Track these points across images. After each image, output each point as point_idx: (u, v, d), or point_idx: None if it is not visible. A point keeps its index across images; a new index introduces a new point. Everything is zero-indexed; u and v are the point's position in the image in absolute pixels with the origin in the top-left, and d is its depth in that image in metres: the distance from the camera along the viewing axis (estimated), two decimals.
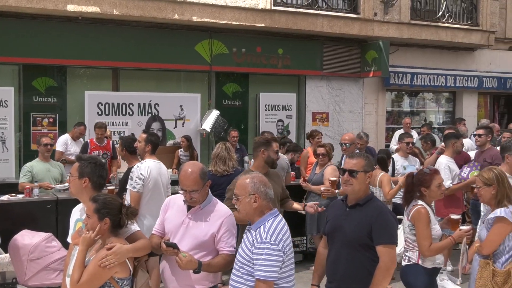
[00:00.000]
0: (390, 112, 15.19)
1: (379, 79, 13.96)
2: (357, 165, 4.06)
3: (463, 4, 14.52)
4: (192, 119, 11.92)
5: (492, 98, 16.75)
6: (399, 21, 13.40)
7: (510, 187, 4.72)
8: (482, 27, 14.56)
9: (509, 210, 4.55)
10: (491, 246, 4.57)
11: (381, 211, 4.02)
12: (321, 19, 12.35)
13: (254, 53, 12.39)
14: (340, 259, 4.06)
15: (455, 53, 15.09)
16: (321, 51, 13.17)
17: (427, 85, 14.52)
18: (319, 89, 13.35)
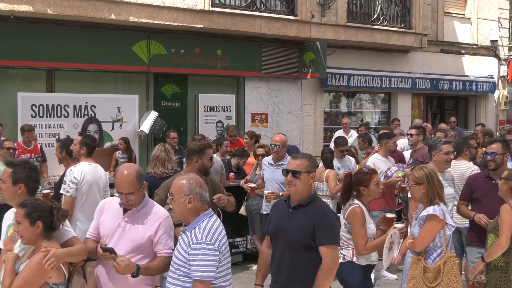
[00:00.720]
0: (328, 113, 15.42)
1: (317, 80, 14.16)
2: (301, 165, 4.08)
3: (397, 7, 14.89)
4: (130, 120, 11.74)
5: (425, 99, 17.29)
6: (336, 23, 13.63)
7: (441, 185, 4.86)
8: (415, 30, 14.98)
9: (440, 208, 4.70)
10: (423, 243, 4.71)
11: (324, 212, 4.05)
12: (259, 20, 12.41)
13: (192, 54, 12.33)
14: (283, 260, 4.08)
15: (390, 55, 15.47)
16: (259, 53, 13.23)
17: (363, 86, 14.82)
18: (258, 90, 13.42)
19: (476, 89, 17.11)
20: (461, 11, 17.46)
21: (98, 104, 11.34)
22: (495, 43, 17.84)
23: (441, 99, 18.22)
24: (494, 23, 17.74)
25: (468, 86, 16.87)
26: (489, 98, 17.91)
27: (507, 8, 18.19)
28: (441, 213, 4.66)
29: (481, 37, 17.57)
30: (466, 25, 17.37)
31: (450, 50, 16.89)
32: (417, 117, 15.94)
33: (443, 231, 4.68)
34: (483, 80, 17.30)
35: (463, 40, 17.26)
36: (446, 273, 4.60)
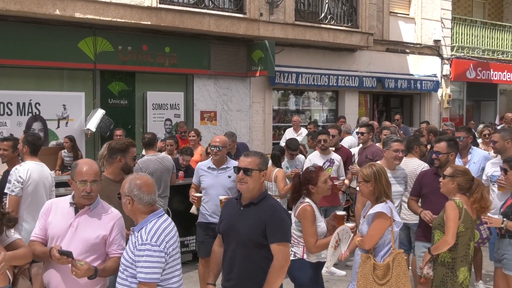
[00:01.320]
0: (277, 111, 15.51)
1: (266, 78, 14.21)
2: (252, 163, 4.09)
3: (344, 6, 15.08)
4: (76, 118, 11.52)
5: (372, 97, 17.59)
6: (284, 21, 13.71)
7: (388, 183, 4.94)
8: (361, 29, 15.21)
9: (388, 205, 4.78)
10: (371, 241, 4.79)
11: (275, 209, 4.07)
12: (208, 18, 12.36)
13: (140, 51, 12.17)
14: (235, 258, 4.08)
15: (337, 54, 15.68)
16: (208, 50, 13.18)
17: (311, 84, 14.95)
18: (207, 88, 13.37)
19: (420, 87, 17.52)
20: (406, 11, 17.86)
21: (42, 102, 11.07)
22: (438, 43, 18.33)
23: (387, 97, 18.59)
24: (437, 23, 18.22)
25: (412, 84, 17.26)
26: (432, 96, 18.38)
27: (449, 9, 18.70)
28: (388, 210, 4.74)
29: (425, 36, 18.01)
30: (411, 25, 17.78)
31: (395, 49, 17.24)
32: (363, 115, 16.20)
33: (390, 228, 4.76)
34: (427, 79, 17.73)
35: (407, 39, 17.65)
36: (395, 270, 4.68)
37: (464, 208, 5.02)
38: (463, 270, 5.12)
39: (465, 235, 5.09)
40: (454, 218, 4.99)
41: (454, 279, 5.09)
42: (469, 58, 19.17)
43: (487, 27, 20.26)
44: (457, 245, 5.07)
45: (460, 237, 5.06)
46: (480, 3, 22.69)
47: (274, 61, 13.43)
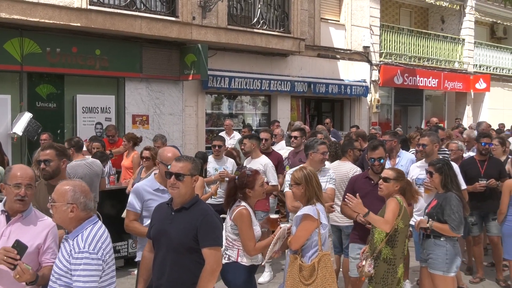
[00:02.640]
0: (210, 115, 15.50)
1: (198, 82, 14.18)
2: (184, 168, 4.09)
3: (276, 12, 15.25)
4: (2, 122, 11.11)
5: (304, 101, 17.85)
6: (217, 25, 13.72)
7: (319, 186, 5.05)
8: (293, 35, 15.41)
9: (315, 208, 4.88)
10: (298, 242, 4.88)
11: (206, 214, 4.08)
12: (139, 21, 12.21)
13: (69, 53, 11.88)
14: (166, 263, 4.06)
15: (270, 59, 15.83)
16: (140, 53, 13.02)
17: (244, 89, 15.03)
18: (139, 92, 13.21)
19: (350, 92, 17.93)
20: (336, 17, 18.25)
21: None
22: (367, 49, 18.81)
23: (318, 101, 18.92)
24: (366, 30, 18.71)
25: (343, 89, 17.63)
26: (362, 101, 18.83)
27: (378, 16, 19.25)
28: (315, 212, 4.84)
29: (355, 43, 18.46)
30: (341, 31, 18.18)
31: (326, 55, 17.58)
32: (296, 119, 16.41)
33: (318, 230, 4.86)
34: (356, 84, 18.17)
35: (338, 45, 18.03)
36: (321, 271, 4.78)
37: (404, 206, 5.23)
38: (401, 266, 5.35)
39: (404, 232, 5.30)
40: (393, 207, 5.19)
41: (394, 275, 5.29)
42: (396, 64, 19.79)
43: (414, 34, 20.97)
44: (397, 242, 5.26)
45: (400, 234, 5.26)
46: (407, 11, 23.48)
47: (207, 65, 13.41)
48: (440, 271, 5.58)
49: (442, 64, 21.83)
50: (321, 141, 6.70)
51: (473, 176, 7.81)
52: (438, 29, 23.33)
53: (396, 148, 8.03)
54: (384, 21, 20.61)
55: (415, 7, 23.61)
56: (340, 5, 18.34)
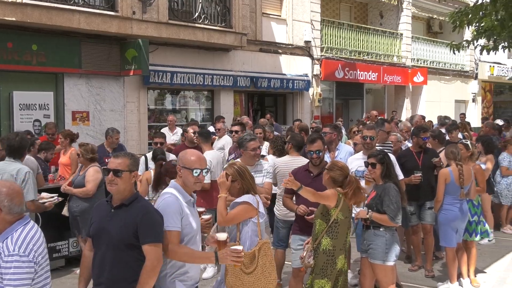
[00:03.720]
0: (153, 110, 15.35)
1: (140, 78, 14.02)
2: (122, 164, 4.06)
3: (217, 7, 15.21)
4: None
5: (247, 96, 17.91)
6: (158, 20, 13.58)
7: (252, 178, 5.11)
8: (235, 29, 15.42)
9: (255, 198, 4.94)
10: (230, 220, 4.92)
11: (146, 210, 4.05)
12: (77, 15, 11.95)
13: (4, 48, 11.53)
14: (106, 261, 4.01)
15: (212, 53, 15.79)
16: (79, 49, 12.76)
17: (187, 84, 14.95)
18: (78, 88, 12.94)
19: (292, 86, 18.09)
20: (278, 12, 18.37)
21: None
22: (308, 44, 19.01)
23: (261, 96, 19.02)
24: (307, 25, 18.91)
25: (285, 84, 17.78)
26: (304, 95, 19.04)
27: (318, 11, 19.48)
28: (255, 201, 4.90)
29: (296, 37, 18.62)
30: (282, 26, 18.31)
31: (268, 50, 17.68)
32: (239, 114, 16.48)
33: (256, 220, 4.91)
34: (298, 78, 18.35)
35: (280, 40, 18.16)
36: (261, 259, 4.82)
37: (342, 198, 5.33)
38: (341, 258, 5.44)
39: (344, 223, 5.40)
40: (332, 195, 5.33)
41: (334, 266, 5.39)
42: (337, 58, 20.09)
43: (354, 29, 21.34)
44: (337, 233, 5.35)
45: (340, 226, 5.36)
46: (347, 6, 23.86)
47: (148, 60, 13.27)
48: (380, 261, 5.73)
49: (381, 58, 22.31)
50: (251, 138, 6.73)
51: (410, 167, 8.03)
52: (377, 24, 23.82)
53: (336, 141, 8.19)
54: (325, 16, 20.88)
55: (355, 2, 24.04)
56: (281, 0, 18.46)
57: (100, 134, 13.08)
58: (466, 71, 26.96)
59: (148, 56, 13.27)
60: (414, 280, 7.93)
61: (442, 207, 7.30)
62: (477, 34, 11.13)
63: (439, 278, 7.90)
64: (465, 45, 11.56)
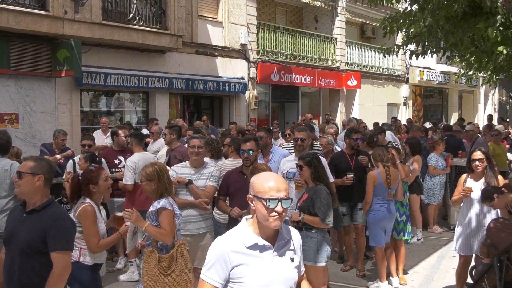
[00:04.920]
0: (86, 112, 15.04)
1: (72, 79, 13.69)
2: (24, 166, 4.05)
3: (153, 8, 15.06)
4: None
5: (183, 98, 17.80)
6: (91, 20, 13.30)
7: (170, 181, 5.17)
8: (170, 31, 15.31)
9: (168, 200, 5.00)
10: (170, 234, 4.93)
11: (57, 217, 4.01)
12: (6, 14, 11.56)
13: None
14: (15, 266, 3.96)
15: (147, 55, 15.61)
16: (8, 48, 12.33)
17: (121, 86, 14.71)
18: (7, 89, 12.51)
19: (229, 89, 18.12)
20: (214, 15, 18.36)
21: None
22: (245, 47, 19.09)
23: (197, 98, 18.95)
24: (243, 28, 18.99)
25: (221, 86, 17.78)
26: (241, 98, 19.09)
27: (255, 14, 19.60)
28: (169, 205, 4.97)
29: (232, 40, 18.67)
30: (219, 29, 18.32)
31: (205, 52, 17.64)
32: (174, 116, 16.38)
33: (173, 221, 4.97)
34: (235, 81, 18.39)
35: (216, 42, 18.15)
36: (179, 260, 4.91)
37: None
38: None
39: None
40: None
41: None
42: (273, 62, 20.27)
43: (289, 33, 21.58)
44: None
45: None
46: (283, 10, 24.12)
47: (81, 61, 12.97)
48: (311, 262, 5.81)
49: (317, 62, 22.67)
50: (193, 136, 6.75)
51: (343, 169, 8.21)
52: (312, 28, 24.19)
53: (270, 145, 8.28)
54: (261, 19, 21.03)
55: (291, 6, 24.32)
56: (217, 2, 18.46)
57: (30, 136, 12.72)
58: (397, 76, 27.75)
59: (81, 57, 12.98)
60: (346, 280, 8.11)
61: (371, 207, 7.51)
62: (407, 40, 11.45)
63: (370, 277, 8.11)
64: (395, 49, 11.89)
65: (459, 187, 6.84)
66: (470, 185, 6.64)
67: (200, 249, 6.28)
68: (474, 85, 31.04)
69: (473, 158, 6.68)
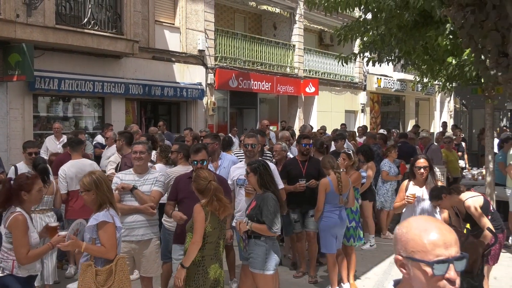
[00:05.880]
0: (39, 118, 14.74)
1: (25, 84, 13.40)
2: None
3: (108, 13, 14.87)
4: None
5: (139, 104, 17.63)
6: (44, 24, 13.06)
7: (110, 190, 5.00)
8: (126, 36, 15.15)
9: (109, 212, 4.83)
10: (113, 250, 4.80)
11: None
12: None
13: None
14: None
15: (102, 60, 15.41)
16: None
17: (75, 91, 14.47)
18: None
19: (186, 95, 18.03)
20: (171, 20, 18.26)
21: None
22: (202, 53, 19.03)
23: (154, 104, 18.80)
24: (201, 34, 18.93)
25: (179, 92, 17.67)
26: (198, 104, 19.01)
27: (213, 21, 19.57)
28: (109, 217, 4.80)
29: (190, 46, 18.59)
30: (176, 34, 18.22)
31: (162, 58, 17.52)
32: (131, 122, 16.19)
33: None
34: (192, 87, 18.30)
35: (173, 48, 18.04)
36: (117, 274, 4.75)
37: (210, 210, 5.32)
38: (214, 267, 5.41)
39: (213, 234, 5.38)
40: (201, 220, 5.25)
41: (206, 275, 5.35)
42: (231, 68, 20.27)
43: (248, 39, 21.62)
44: (205, 244, 5.34)
45: (208, 237, 5.34)
46: (241, 17, 24.16)
47: (33, 66, 12.72)
48: (260, 270, 5.79)
49: (275, 69, 22.76)
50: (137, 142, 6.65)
51: (295, 175, 8.25)
52: (270, 35, 24.29)
53: (218, 151, 8.27)
54: (219, 25, 21.02)
55: (249, 13, 24.38)
56: (175, 8, 18.38)
57: None
58: (355, 83, 28.09)
59: (33, 61, 12.72)
60: (298, 287, 8.13)
61: (322, 214, 7.55)
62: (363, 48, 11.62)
63: (321, 284, 8.15)
64: (352, 57, 12.05)
65: (401, 193, 6.96)
66: (413, 191, 6.75)
67: (146, 257, 6.22)
68: (430, 92, 31.71)
69: (417, 165, 6.80)
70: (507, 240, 10.53)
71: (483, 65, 5.43)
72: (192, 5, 18.61)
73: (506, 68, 5.07)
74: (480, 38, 5.15)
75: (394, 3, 9.07)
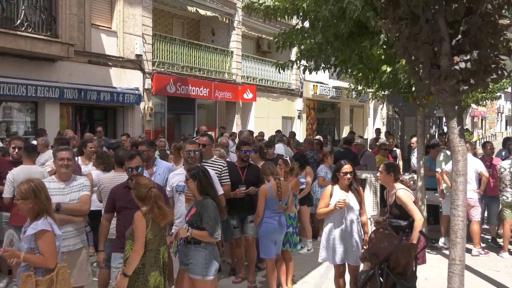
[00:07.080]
0: None
1: None
2: None
3: (43, 15, 14.50)
4: None
5: (74, 109, 17.25)
6: None
7: (48, 199, 4.90)
8: (61, 39, 14.81)
9: (47, 221, 4.75)
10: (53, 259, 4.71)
11: None
12: None
13: None
14: None
15: (36, 63, 15.01)
16: None
17: (7, 95, 14.04)
18: None
19: (123, 100, 17.79)
20: (108, 24, 18.00)
21: None
22: (140, 58, 18.84)
23: (90, 109, 18.44)
24: (139, 38, 18.74)
25: (115, 97, 17.43)
26: (135, 109, 18.78)
27: (150, 25, 19.40)
28: (48, 226, 4.72)
29: (127, 50, 18.36)
30: (113, 38, 17.96)
31: (98, 62, 17.23)
32: (66, 127, 15.82)
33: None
34: (129, 92, 18.08)
35: (110, 52, 17.78)
36: (59, 284, 4.68)
37: (151, 217, 5.30)
38: (154, 274, 5.39)
39: (154, 242, 5.36)
40: (142, 228, 5.22)
41: (145, 283, 5.34)
42: (169, 73, 20.14)
43: (186, 45, 21.55)
44: (146, 251, 5.31)
45: (149, 244, 5.32)
46: (179, 22, 24.07)
47: None
48: (200, 276, 5.81)
49: (213, 75, 22.78)
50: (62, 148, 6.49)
51: (234, 182, 8.30)
52: (209, 41, 24.31)
53: (153, 158, 8.26)
54: (157, 30, 20.87)
55: (187, 18, 24.32)
56: (112, 12, 18.12)
57: None
58: (292, 90, 28.46)
59: None
60: None
61: (262, 220, 7.63)
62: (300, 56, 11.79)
63: None
64: (289, 65, 12.21)
65: (326, 199, 7.08)
66: (343, 196, 6.94)
67: (77, 266, 6.15)
68: (364, 100, 32.52)
69: (344, 171, 6.99)
70: (437, 242, 10.96)
71: (417, 75, 5.64)
72: (129, 9, 18.40)
73: (438, 79, 5.29)
74: (414, 50, 5.36)
75: (331, 14, 9.26)
